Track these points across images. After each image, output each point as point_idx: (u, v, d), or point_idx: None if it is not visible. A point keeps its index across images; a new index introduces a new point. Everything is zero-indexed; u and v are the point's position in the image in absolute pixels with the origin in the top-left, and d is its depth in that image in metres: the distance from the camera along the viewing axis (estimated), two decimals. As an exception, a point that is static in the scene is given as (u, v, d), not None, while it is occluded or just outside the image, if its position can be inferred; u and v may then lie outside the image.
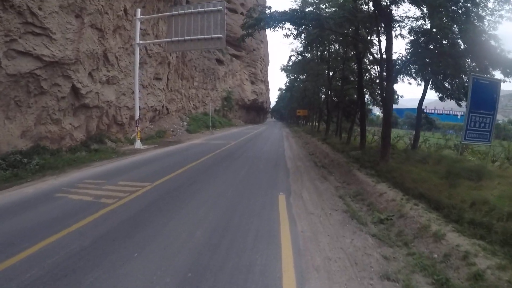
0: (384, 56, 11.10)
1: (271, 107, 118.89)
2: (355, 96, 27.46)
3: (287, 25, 10.31)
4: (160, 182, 7.86)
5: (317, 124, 36.26)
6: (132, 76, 20.04)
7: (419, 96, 14.16)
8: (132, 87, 20.00)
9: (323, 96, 32.41)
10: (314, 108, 47.19)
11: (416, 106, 14.23)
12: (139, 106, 21.15)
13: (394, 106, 26.40)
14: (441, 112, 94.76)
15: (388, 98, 10.14)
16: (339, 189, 7.98)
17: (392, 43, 10.02)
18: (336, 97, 27.14)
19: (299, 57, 35.99)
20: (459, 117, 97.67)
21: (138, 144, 16.21)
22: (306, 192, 7.26)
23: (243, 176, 8.99)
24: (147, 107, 22.63)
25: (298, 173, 9.65)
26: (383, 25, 10.89)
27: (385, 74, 11.57)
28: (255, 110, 79.31)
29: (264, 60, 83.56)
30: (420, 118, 15.16)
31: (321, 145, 17.33)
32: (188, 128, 27.85)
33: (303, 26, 10.53)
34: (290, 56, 25.24)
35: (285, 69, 51.00)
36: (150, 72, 22.74)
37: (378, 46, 12.43)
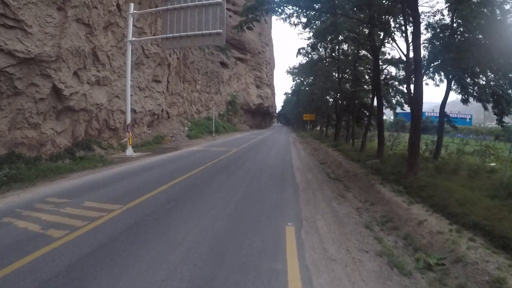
0: (411, 47, 9.40)
1: (277, 111, 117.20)
2: (366, 99, 25.86)
3: (295, 9, 8.67)
4: (133, 204, 6.19)
5: (325, 129, 34.49)
6: (125, 76, 18.64)
7: (427, 100, 12.54)
8: (125, 87, 18.60)
9: (331, 100, 30.63)
10: (321, 113, 45.50)
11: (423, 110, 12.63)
12: (135, 110, 19.75)
13: (400, 110, 24.89)
14: (448, 115, 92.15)
15: (417, 97, 8.46)
16: (362, 213, 6.28)
17: (420, 29, 8.40)
18: (345, 100, 25.47)
19: (307, 58, 34.52)
20: (467, 120, 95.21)
21: (129, 151, 14.68)
22: (322, 219, 5.56)
23: (241, 196, 7.30)
24: (145, 111, 21.15)
25: (309, 190, 7.98)
26: (408, 11, 9.22)
27: (410, 71, 9.90)
28: (261, 115, 77.77)
29: (270, 64, 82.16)
30: (443, 122, 13.44)
31: (332, 153, 15.63)
32: (189, 133, 26.32)
33: (314, 12, 8.89)
34: (299, 50, 23.16)
35: (291, 72, 49.61)
36: (148, 74, 21.30)
37: (404, 35, 10.71)
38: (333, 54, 20.12)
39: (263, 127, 78.39)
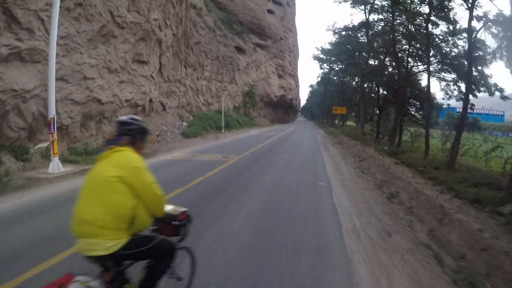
0: None
1: (301, 105, 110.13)
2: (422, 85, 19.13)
3: None
4: None
5: (366, 125, 27.71)
6: (81, 52, 13.03)
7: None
8: (82, 68, 13.02)
9: (373, 86, 23.58)
10: (352, 105, 38.80)
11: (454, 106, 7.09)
12: (100, 100, 14.10)
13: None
14: (480, 111, 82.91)
15: None
16: None
17: None
18: (394, 87, 18.89)
19: (338, 37, 28.01)
20: (500, 116, 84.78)
21: (54, 165, 8.90)
22: None
23: None
24: (119, 101, 15.45)
25: None
26: None
27: None
28: (283, 108, 71.04)
29: (293, 52, 75.23)
30: None
31: (397, 169, 9.21)
32: (185, 130, 20.36)
33: None
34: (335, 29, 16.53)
35: (317, 57, 43.02)
36: (124, 51, 15.54)
37: None
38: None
39: (285, 121, 71.57)
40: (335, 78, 44.93)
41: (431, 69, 15.85)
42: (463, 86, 15.09)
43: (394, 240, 4.60)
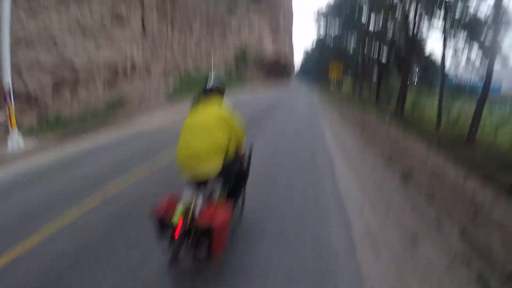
0: None
1: (295, 69, 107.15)
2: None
3: None
4: None
5: (362, 89, 26.44)
6: (50, 13, 11.53)
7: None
8: (51, 31, 11.59)
9: (375, 49, 21.94)
10: (349, 69, 37.16)
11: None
12: (74, 63, 12.71)
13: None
14: (477, 82, 79.82)
15: None
16: None
17: None
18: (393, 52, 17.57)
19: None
20: (497, 87, 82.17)
21: (14, 142, 7.72)
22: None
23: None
24: (96, 65, 13.99)
25: None
26: None
27: None
28: (277, 72, 68.65)
29: (288, 15, 71.93)
30: None
31: (405, 141, 8.18)
32: (172, 95, 19.02)
33: None
34: None
35: (318, 15, 40.80)
36: (101, 11, 13.90)
37: None
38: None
39: (279, 85, 69.54)
40: (331, 44, 43.00)
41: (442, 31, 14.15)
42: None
43: (423, 251, 3.42)
